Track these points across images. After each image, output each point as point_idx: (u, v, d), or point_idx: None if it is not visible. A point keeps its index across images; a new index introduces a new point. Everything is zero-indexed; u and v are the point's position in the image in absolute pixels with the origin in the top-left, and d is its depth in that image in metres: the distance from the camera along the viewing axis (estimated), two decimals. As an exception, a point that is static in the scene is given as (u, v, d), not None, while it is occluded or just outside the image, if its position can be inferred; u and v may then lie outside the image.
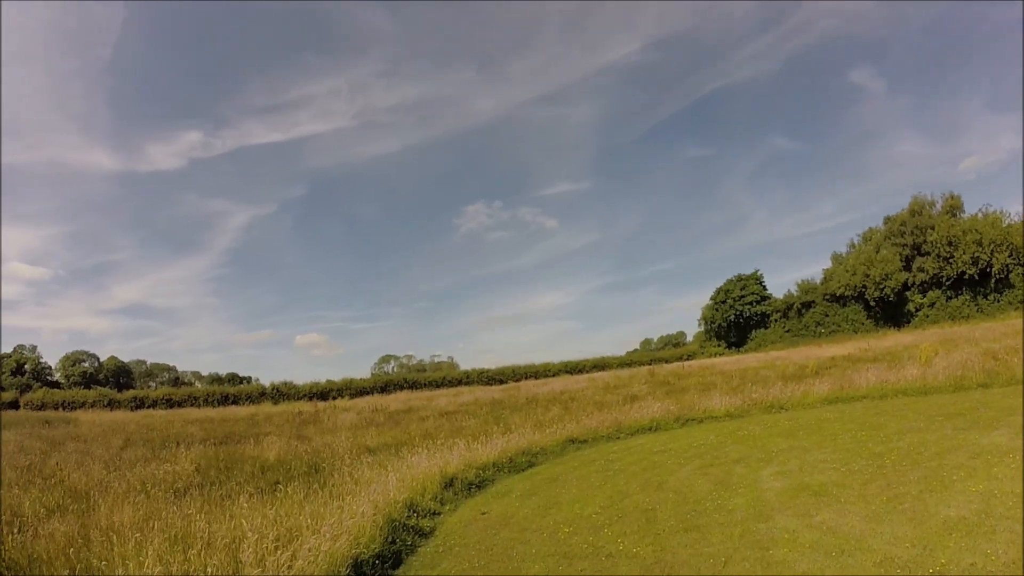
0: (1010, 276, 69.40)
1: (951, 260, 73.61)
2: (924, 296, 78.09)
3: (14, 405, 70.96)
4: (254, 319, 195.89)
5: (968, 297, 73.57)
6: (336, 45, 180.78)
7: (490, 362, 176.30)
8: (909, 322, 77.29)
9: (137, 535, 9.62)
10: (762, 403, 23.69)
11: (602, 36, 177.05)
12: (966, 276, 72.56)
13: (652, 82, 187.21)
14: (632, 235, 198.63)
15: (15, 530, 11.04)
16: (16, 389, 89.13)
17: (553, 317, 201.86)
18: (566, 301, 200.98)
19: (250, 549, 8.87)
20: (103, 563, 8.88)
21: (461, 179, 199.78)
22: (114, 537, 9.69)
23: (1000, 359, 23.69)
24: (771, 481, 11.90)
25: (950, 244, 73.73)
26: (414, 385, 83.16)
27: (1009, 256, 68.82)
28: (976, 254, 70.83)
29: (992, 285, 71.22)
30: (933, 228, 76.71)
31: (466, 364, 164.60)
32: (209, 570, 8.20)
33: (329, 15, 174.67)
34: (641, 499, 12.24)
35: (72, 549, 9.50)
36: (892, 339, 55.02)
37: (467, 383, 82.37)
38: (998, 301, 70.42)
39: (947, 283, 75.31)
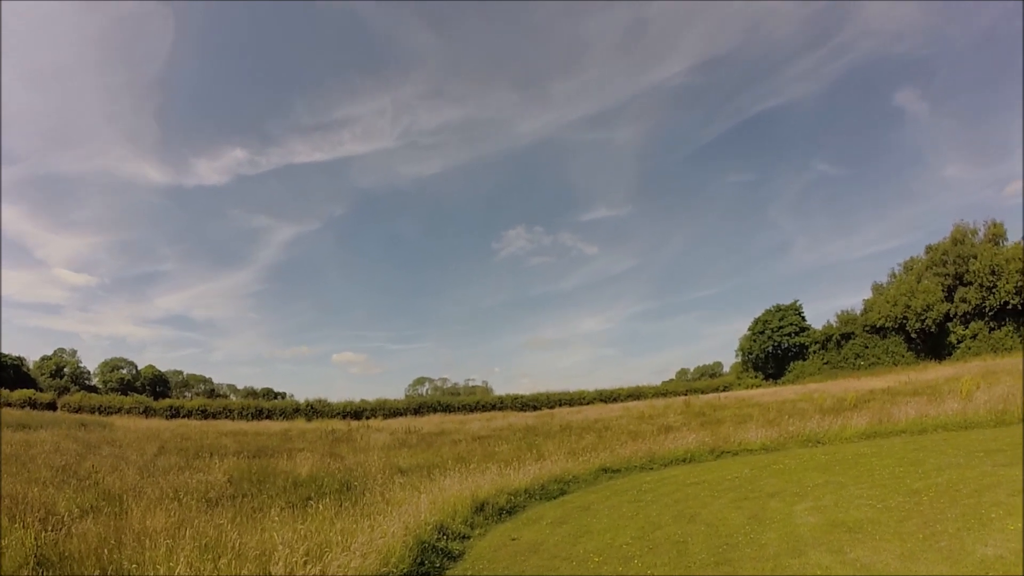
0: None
1: (994, 290, 72.03)
2: (966, 327, 76.38)
3: (52, 406, 71.78)
4: (293, 335, 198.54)
5: (1011, 328, 71.81)
6: (381, 66, 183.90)
7: (525, 387, 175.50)
8: (951, 354, 75.59)
9: (169, 541, 9.83)
10: (799, 436, 23.38)
11: (647, 58, 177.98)
12: (1009, 306, 70.91)
13: (695, 104, 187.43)
14: (673, 261, 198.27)
15: (48, 528, 11.25)
16: (55, 391, 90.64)
17: (591, 343, 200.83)
18: (604, 327, 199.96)
19: (280, 562, 8.99)
20: (134, 566, 9.07)
21: (503, 202, 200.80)
22: (146, 541, 9.89)
23: (1044, 394, 23.22)
24: (805, 516, 11.76)
25: (993, 273, 72.16)
26: (447, 408, 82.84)
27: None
28: (1020, 283, 69.22)
29: (1037, 316, 69.65)
30: (975, 257, 75.20)
31: (501, 388, 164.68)
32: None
33: (375, 37, 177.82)
34: (673, 531, 12.14)
35: (104, 550, 9.66)
36: (933, 372, 53.99)
37: (501, 408, 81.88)
38: (1043, 333, 68.86)
39: (990, 314, 73.67)
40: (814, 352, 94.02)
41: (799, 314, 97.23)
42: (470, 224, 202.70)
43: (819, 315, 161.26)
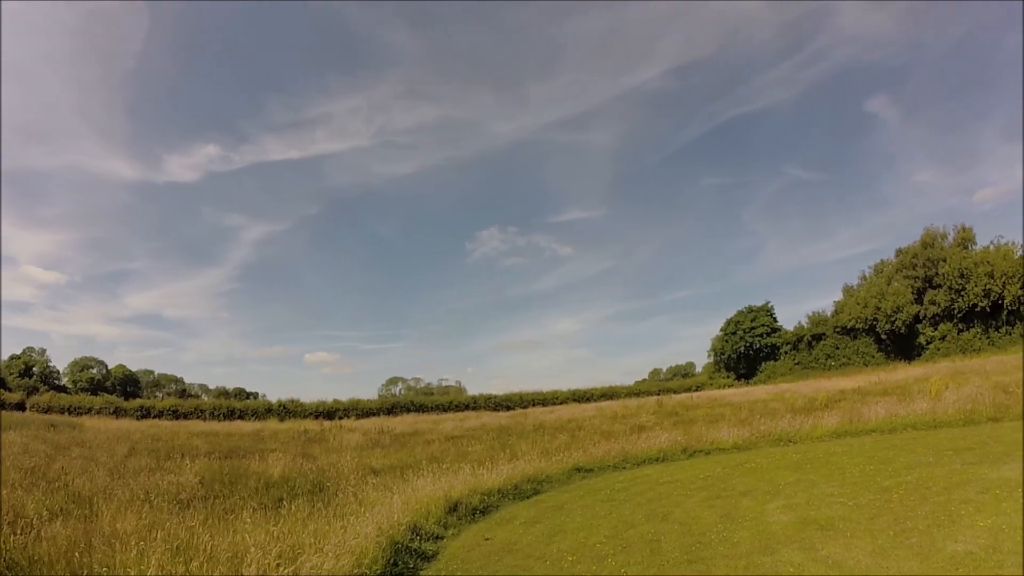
0: (1022, 308, 69.07)
1: (963, 292, 73.30)
2: (935, 329, 77.71)
3: (20, 407, 70.89)
4: (265, 335, 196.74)
5: (979, 330, 73.16)
6: (356, 65, 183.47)
7: (499, 387, 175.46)
8: (920, 355, 76.78)
9: (139, 543, 9.64)
10: (770, 435, 23.52)
11: (623, 62, 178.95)
12: (977, 309, 72.18)
13: (671, 108, 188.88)
14: (647, 263, 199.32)
15: (17, 531, 11.03)
16: (23, 391, 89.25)
17: (565, 344, 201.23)
18: (578, 328, 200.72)
19: (253, 564, 8.88)
20: (104, 569, 8.90)
21: (477, 203, 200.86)
22: (116, 544, 9.73)
23: (1011, 393, 23.59)
24: (777, 514, 11.80)
25: (962, 276, 73.43)
26: (421, 408, 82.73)
27: (1021, 288, 68.45)
28: (988, 286, 70.51)
29: (1004, 318, 70.88)
30: (945, 260, 76.47)
31: (475, 389, 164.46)
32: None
33: (352, 34, 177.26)
34: (646, 530, 12.14)
35: (74, 553, 9.49)
36: (903, 372, 54.63)
37: (474, 408, 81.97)
38: (1009, 334, 70.03)
39: (958, 316, 74.91)
40: (785, 353, 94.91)
41: (771, 315, 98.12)
42: (444, 224, 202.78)
43: (791, 317, 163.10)
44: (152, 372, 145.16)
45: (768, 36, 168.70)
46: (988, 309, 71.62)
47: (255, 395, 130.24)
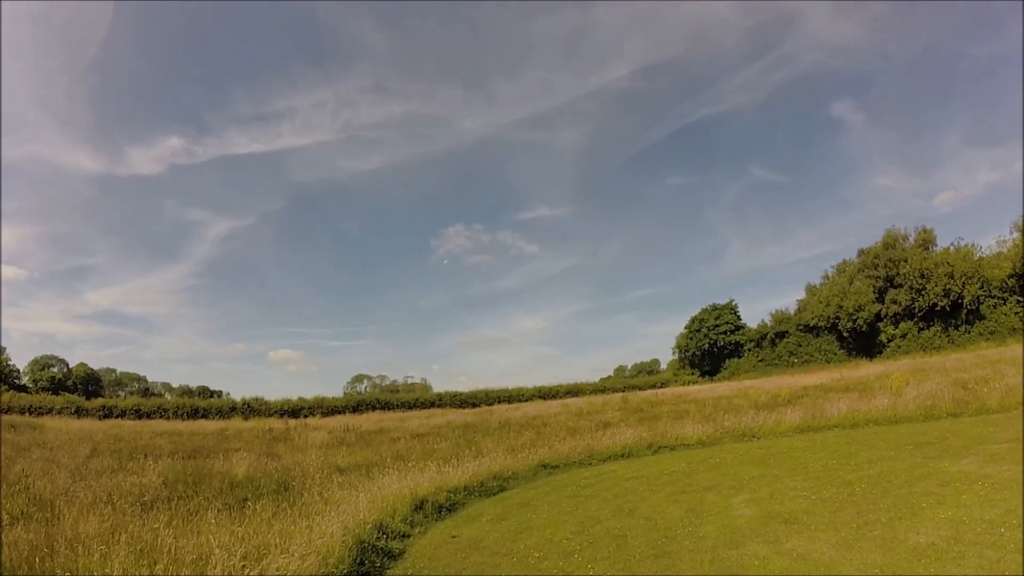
0: (980, 308, 70.60)
1: (923, 292, 74.70)
2: (896, 327, 79.05)
3: (-21, 407, 69.39)
4: (229, 332, 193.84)
5: (939, 328, 74.63)
6: (324, 58, 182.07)
7: (464, 385, 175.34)
8: (881, 353, 78.12)
9: (103, 547, 9.47)
10: (734, 431, 23.72)
11: (592, 61, 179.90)
12: (937, 308, 73.62)
13: (639, 108, 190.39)
14: (612, 261, 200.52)
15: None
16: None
17: (530, 342, 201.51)
18: (543, 326, 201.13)
19: (218, 565, 8.73)
20: (67, 573, 8.75)
21: (443, 199, 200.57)
22: (79, 547, 9.57)
23: (970, 389, 23.96)
24: (742, 508, 11.88)
25: (922, 276, 74.85)
26: (386, 406, 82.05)
27: (980, 288, 69.98)
28: (948, 286, 71.99)
29: (963, 317, 72.48)
30: (906, 261, 77.88)
31: (440, 386, 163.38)
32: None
33: (319, 28, 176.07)
34: (612, 525, 12.16)
35: (36, 558, 9.32)
36: (864, 369, 55.34)
37: (440, 405, 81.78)
38: (968, 332, 71.56)
39: (919, 315, 76.32)
40: (749, 350, 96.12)
41: (735, 313, 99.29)
42: (411, 221, 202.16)
43: (754, 315, 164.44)
44: (114, 370, 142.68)
45: (736, 39, 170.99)
46: (948, 308, 73.11)
47: (219, 393, 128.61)
